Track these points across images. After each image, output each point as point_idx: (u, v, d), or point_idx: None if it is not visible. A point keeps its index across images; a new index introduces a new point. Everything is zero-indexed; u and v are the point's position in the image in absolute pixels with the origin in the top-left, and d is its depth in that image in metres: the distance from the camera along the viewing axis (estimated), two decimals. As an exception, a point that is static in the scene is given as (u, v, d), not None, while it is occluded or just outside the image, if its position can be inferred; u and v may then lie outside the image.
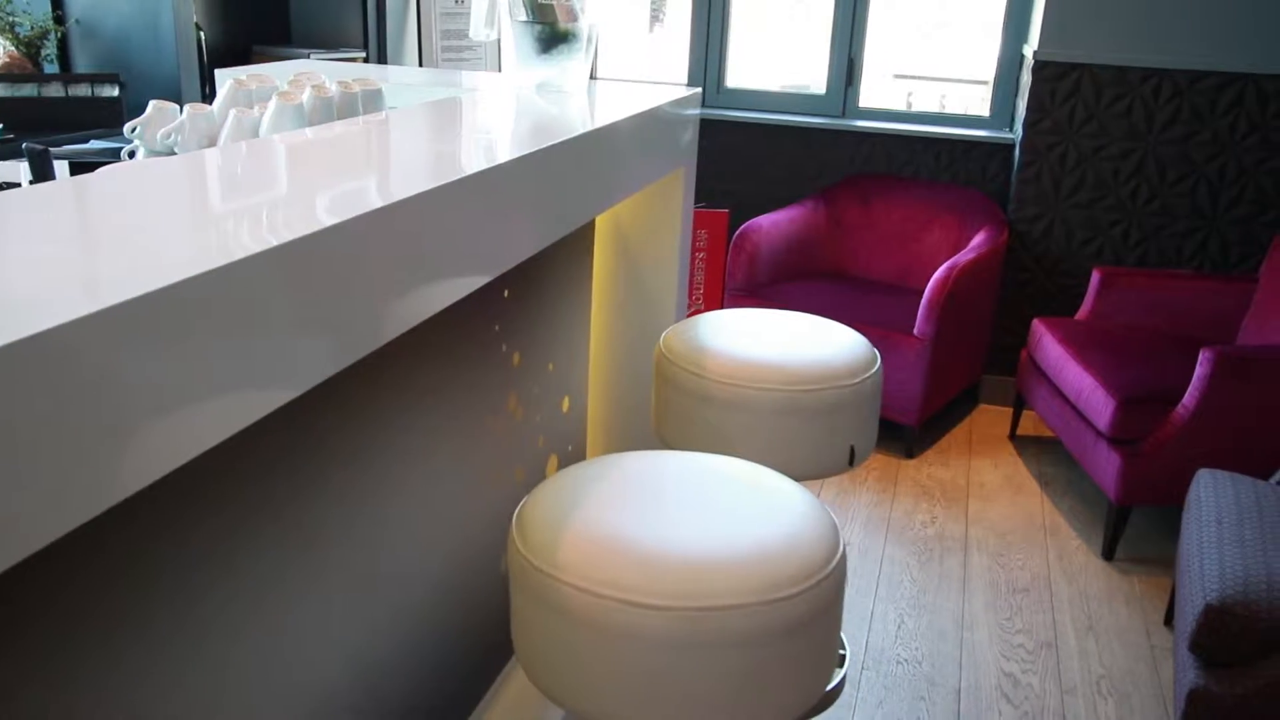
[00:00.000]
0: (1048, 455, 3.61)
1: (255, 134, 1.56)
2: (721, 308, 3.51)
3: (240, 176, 1.10)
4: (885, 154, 4.07)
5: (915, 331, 3.40)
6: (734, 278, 3.73)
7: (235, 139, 1.57)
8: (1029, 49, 3.70)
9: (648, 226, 2.24)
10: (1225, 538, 2.09)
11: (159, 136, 1.58)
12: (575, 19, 2.00)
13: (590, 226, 2.18)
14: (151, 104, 1.62)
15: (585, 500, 1.21)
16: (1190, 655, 1.97)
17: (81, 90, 2.93)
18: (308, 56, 4.14)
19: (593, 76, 4.60)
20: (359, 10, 4.41)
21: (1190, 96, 3.51)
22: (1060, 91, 3.61)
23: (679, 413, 1.73)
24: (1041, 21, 3.57)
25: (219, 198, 1.01)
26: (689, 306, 3.95)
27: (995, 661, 2.50)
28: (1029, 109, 3.67)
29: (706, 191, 4.34)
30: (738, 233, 3.70)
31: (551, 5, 1.99)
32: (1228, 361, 2.71)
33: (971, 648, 2.55)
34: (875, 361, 1.75)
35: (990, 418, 3.92)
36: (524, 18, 2.01)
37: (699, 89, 2.21)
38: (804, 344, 1.76)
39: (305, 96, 1.59)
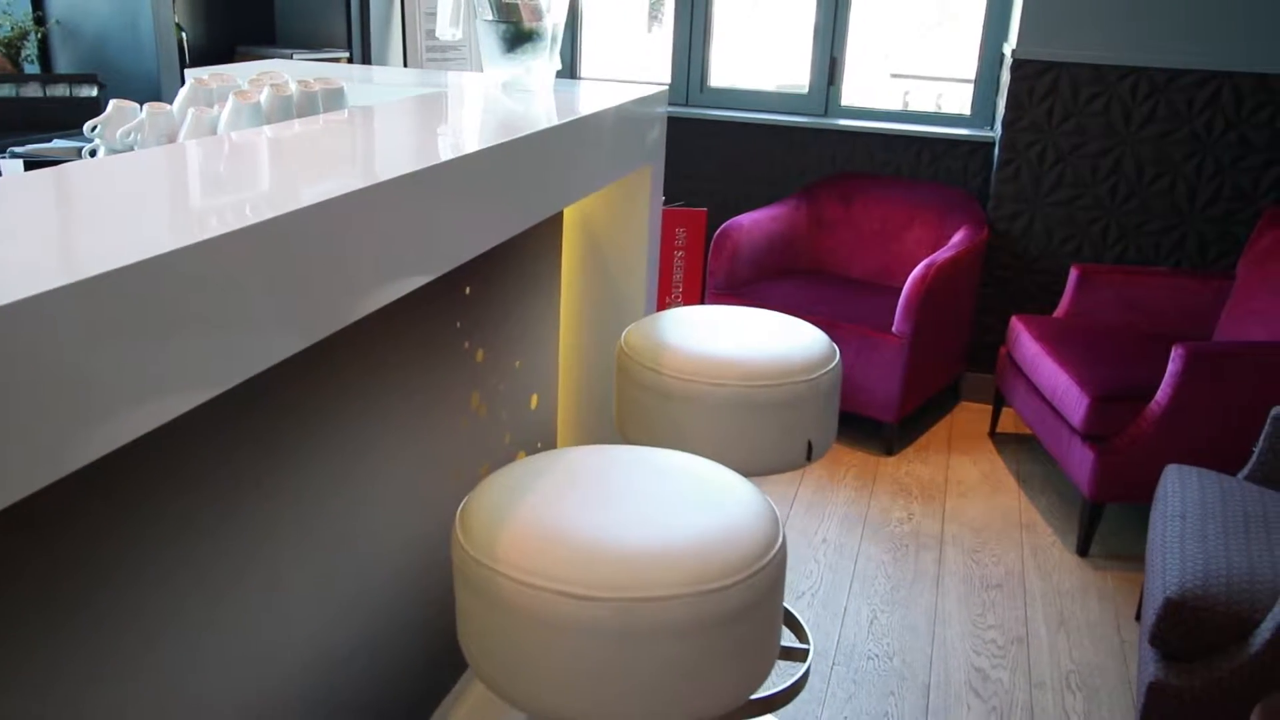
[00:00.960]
0: (1026, 453, 3.63)
1: (213, 132, 1.58)
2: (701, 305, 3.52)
3: (185, 171, 1.12)
4: (867, 152, 4.08)
5: (893, 329, 3.41)
6: (715, 276, 3.74)
7: (194, 137, 1.58)
8: (1009, 48, 3.72)
9: (616, 224, 2.25)
10: (1188, 533, 2.10)
11: (119, 135, 1.60)
12: (539, 18, 2.02)
13: (557, 224, 2.19)
14: (112, 103, 1.63)
15: (527, 494, 1.22)
16: (1151, 649, 1.98)
17: (59, 91, 2.95)
18: (290, 57, 4.15)
19: (577, 75, 4.61)
20: (343, 11, 4.42)
21: (1167, 94, 3.52)
22: (1038, 90, 3.63)
23: (638, 409, 1.74)
24: (1020, 20, 3.58)
25: (163, 191, 1.02)
26: (669, 304, 3.96)
27: (966, 657, 2.51)
28: (1008, 107, 3.68)
29: (690, 190, 4.35)
30: (718, 231, 3.71)
31: (516, 5, 2.01)
32: (1199, 358, 2.73)
33: (943, 643, 2.56)
34: (833, 358, 1.76)
35: (971, 415, 3.93)
36: (489, 17, 2.02)
37: (665, 87, 2.22)
38: (762, 340, 1.77)
39: (263, 95, 1.61)
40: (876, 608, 2.70)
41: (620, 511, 1.19)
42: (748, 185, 4.28)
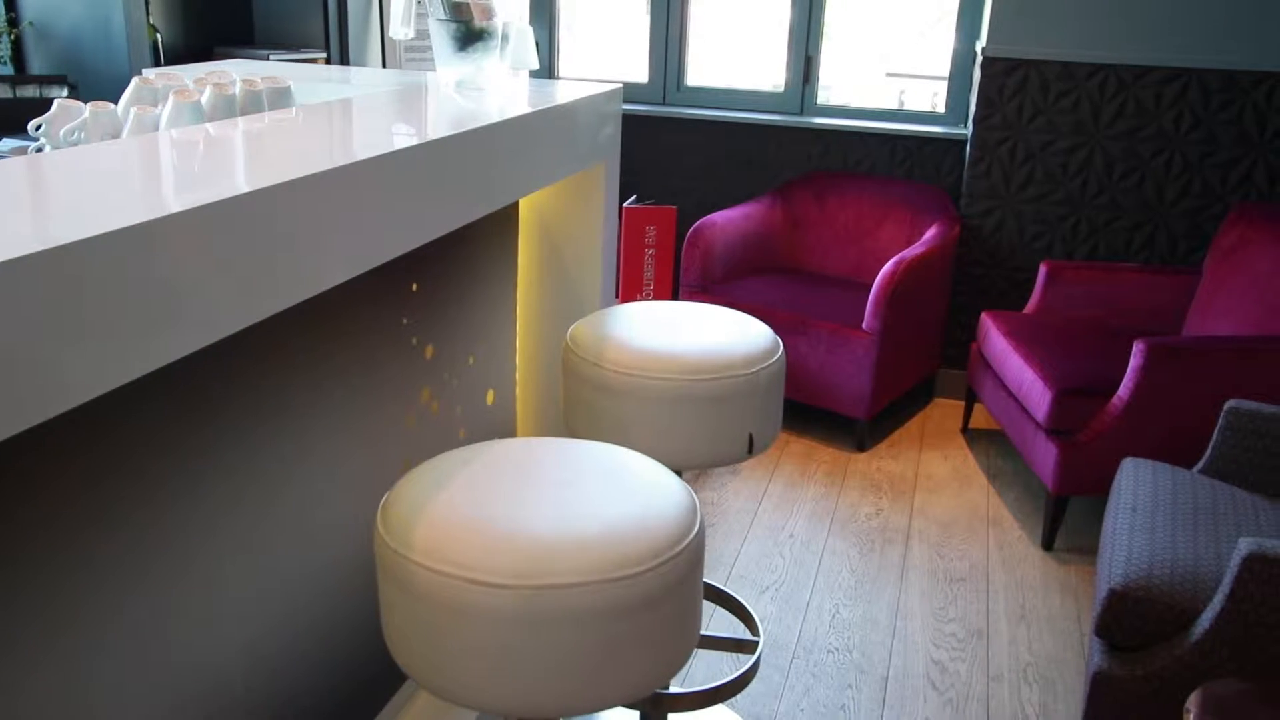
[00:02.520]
0: (997, 448, 3.64)
1: (154, 130, 1.59)
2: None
3: (109, 164, 1.14)
4: (843, 151, 4.10)
5: (863, 326, 3.43)
6: (688, 274, 3.76)
7: (135, 136, 1.60)
8: (980, 45, 3.74)
9: (571, 221, 2.27)
10: (1137, 525, 2.12)
11: (62, 134, 1.61)
12: (490, 17, 2.03)
13: (510, 220, 2.21)
14: (56, 102, 1.65)
15: (448, 486, 1.24)
16: (1098, 640, 2.00)
17: (29, 91, 2.97)
18: (267, 58, 4.18)
19: (555, 75, 4.63)
20: (321, 12, 4.44)
21: (1135, 91, 3.54)
22: (1008, 87, 3.64)
23: (581, 403, 1.76)
24: (989, 18, 3.60)
25: (81, 183, 1.04)
26: (640, 301, 3.97)
27: (925, 650, 2.53)
28: (978, 105, 3.70)
29: (667, 188, 4.37)
30: (691, 229, 3.73)
31: (467, 4, 2.03)
32: (1160, 352, 2.74)
33: (903, 636, 2.58)
34: (775, 352, 1.78)
35: (945, 411, 3.95)
36: (441, 16, 2.04)
37: (619, 86, 2.24)
38: (706, 335, 1.79)
39: (205, 95, 1.63)
40: (839, 602, 2.72)
41: (536, 501, 1.21)
42: (724, 183, 4.30)
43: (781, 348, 1.82)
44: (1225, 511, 2.17)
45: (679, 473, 1.93)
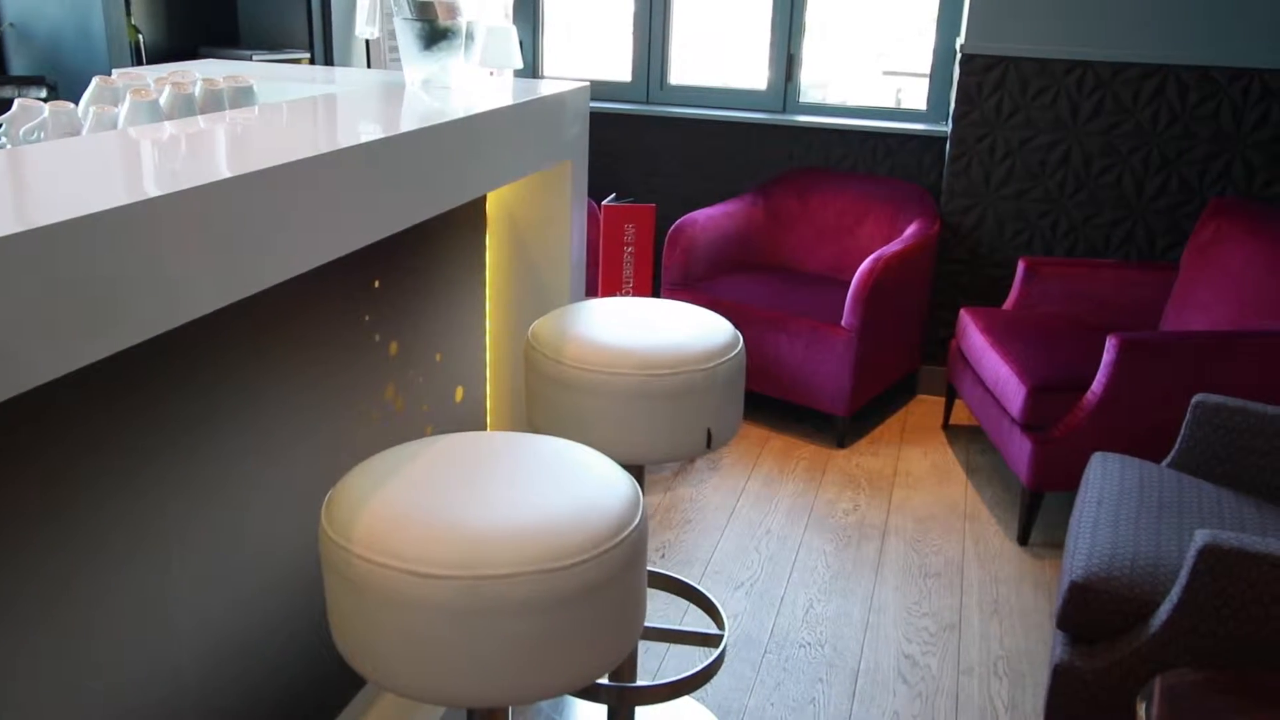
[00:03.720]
0: (977, 444, 3.66)
1: (113, 129, 1.61)
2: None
3: (62, 163, 1.15)
4: (824, 148, 4.11)
5: (843, 323, 3.44)
6: (669, 272, 3.77)
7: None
8: (959, 42, 3.75)
9: (540, 218, 2.28)
10: (1102, 518, 2.13)
11: (22, 133, 1.63)
12: (455, 16, 2.05)
13: (478, 218, 2.22)
14: (17, 102, 1.66)
15: (392, 479, 1.26)
16: (1060, 632, 2.01)
17: (7, 93, 2.98)
18: (250, 58, 4.19)
19: (539, 74, 4.64)
20: (305, 13, 4.45)
21: (1113, 88, 3.55)
22: (987, 84, 3.66)
23: (542, 399, 1.77)
24: (967, 15, 3.61)
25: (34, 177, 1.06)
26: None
27: (897, 644, 2.54)
28: (957, 101, 3.71)
29: (651, 186, 4.39)
30: (673, 227, 3.74)
31: (432, 3, 2.04)
32: (1133, 348, 2.76)
33: (876, 631, 2.59)
34: (734, 347, 1.79)
35: (926, 408, 3.96)
36: (406, 15, 2.05)
37: (586, 84, 2.25)
38: (665, 331, 1.80)
39: (164, 94, 1.64)
40: (814, 597, 2.73)
41: (478, 494, 1.23)
42: (707, 181, 4.31)
43: (741, 343, 1.83)
44: (1190, 504, 2.19)
45: (641, 468, 1.94)
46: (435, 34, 2.06)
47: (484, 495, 1.22)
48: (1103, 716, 1.93)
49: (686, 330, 1.81)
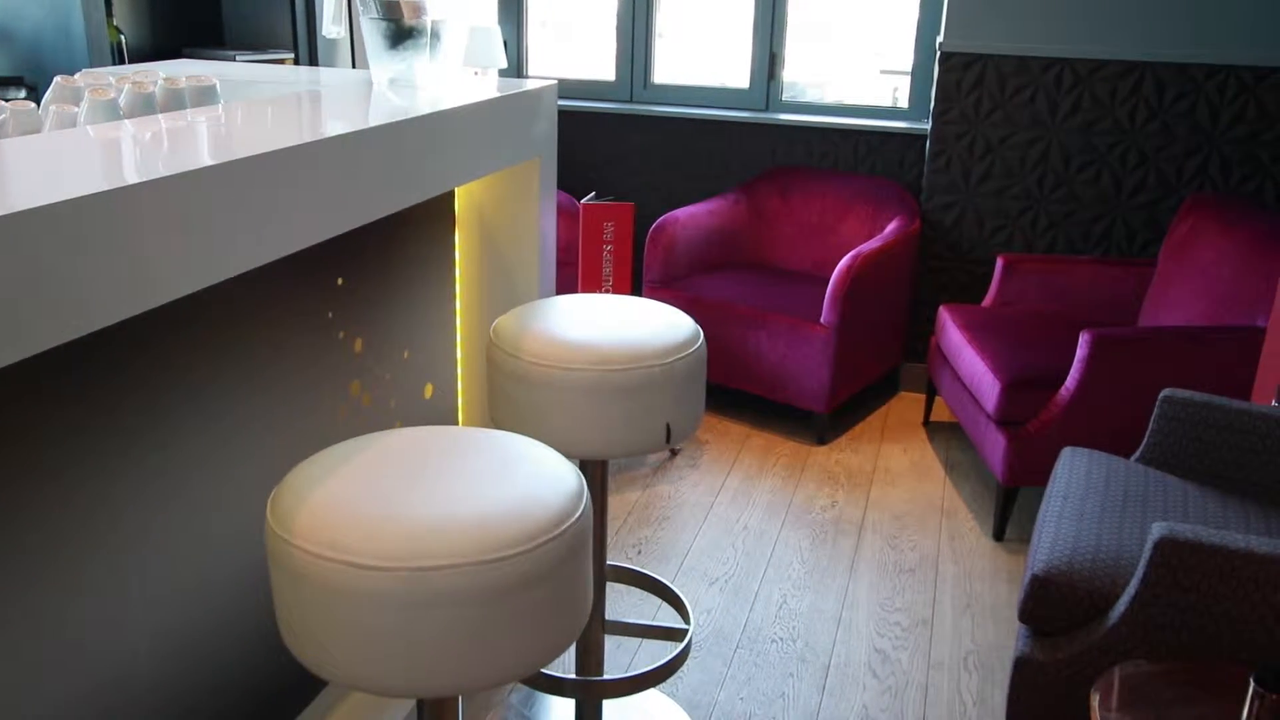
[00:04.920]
0: (957, 441, 3.67)
1: (73, 127, 1.62)
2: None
3: (13, 160, 1.16)
4: (806, 146, 4.12)
5: (821, 320, 3.45)
6: (650, 270, 3.79)
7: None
8: (938, 40, 3.76)
9: (509, 216, 2.30)
10: (1066, 512, 2.14)
11: (-18, 133, 1.64)
12: (420, 15, 2.06)
13: (446, 215, 2.24)
14: (-22, 102, 1.68)
15: (337, 472, 1.27)
16: (1022, 625, 2.03)
17: (-14, 93, 2.99)
18: (234, 59, 4.21)
19: (524, 74, 4.65)
20: (289, 13, 4.47)
21: (1090, 85, 3.56)
22: (966, 82, 3.67)
23: (502, 394, 1.79)
24: (946, 13, 3.62)
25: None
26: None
27: (869, 639, 2.56)
28: (937, 99, 3.72)
29: (634, 185, 4.40)
30: (654, 226, 3.76)
31: (397, 2, 2.05)
32: (1106, 344, 2.77)
33: (848, 626, 2.60)
34: (694, 343, 1.80)
35: (908, 405, 3.98)
36: (373, 14, 2.07)
37: (554, 83, 2.26)
38: (624, 327, 1.81)
39: (123, 93, 1.65)
40: (787, 592, 2.74)
41: (421, 487, 1.24)
42: (690, 180, 4.32)
43: (702, 339, 1.84)
44: (1155, 499, 2.20)
45: (604, 463, 1.96)
46: (401, 33, 2.07)
47: (427, 488, 1.24)
48: (1063, 709, 1.94)
49: (648, 327, 1.82)
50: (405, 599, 1.12)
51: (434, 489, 1.24)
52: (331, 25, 2.06)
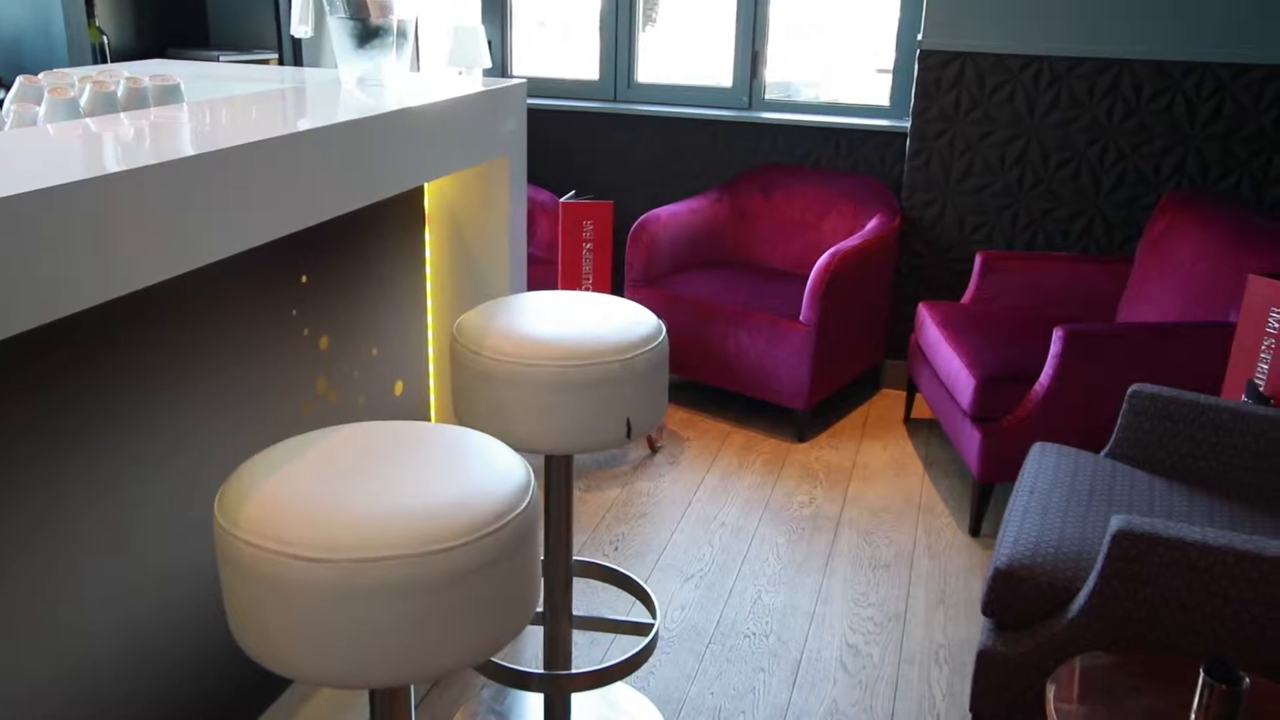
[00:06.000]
0: (936, 438, 3.68)
1: (33, 125, 1.63)
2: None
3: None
4: (788, 145, 4.13)
5: (800, 318, 3.46)
6: (632, 268, 3.80)
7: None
8: (918, 38, 3.77)
9: (479, 213, 2.31)
10: (1032, 506, 2.16)
11: (-55, 132, 1.65)
12: (387, 14, 2.07)
13: (415, 213, 2.25)
14: (-59, 101, 1.69)
15: (285, 466, 1.28)
16: (985, 619, 2.04)
17: (-35, 94, 3.00)
18: (217, 59, 4.22)
19: (509, 74, 4.66)
20: (274, 13, 4.48)
21: (1068, 82, 3.57)
22: (945, 80, 3.68)
23: (465, 391, 1.80)
24: (925, 11, 3.63)
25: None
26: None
27: (841, 634, 2.57)
28: (917, 97, 3.74)
29: (618, 184, 4.41)
30: (635, 224, 3.77)
31: (365, 2, 2.06)
32: (1078, 340, 2.78)
33: (821, 621, 2.62)
34: (655, 338, 1.82)
35: (889, 402, 3.99)
36: (340, 14, 2.08)
37: (523, 81, 2.27)
38: (586, 323, 1.83)
39: (84, 93, 1.66)
40: (762, 588, 2.75)
41: (369, 480, 1.25)
42: (673, 179, 4.33)
43: (664, 334, 1.85)
44: (1121, 493, 2.21)
45: (570, 458, 1.97)
46: (368, 32, 2.08)
47: (375, 481, 1.25)
48: (1026, 701, 1.95)
49: (610, 323, 1.84)
50: (346, 590, 1.13)
51: (381, 482, 1.25)
52: (299, 25, 2.07)
